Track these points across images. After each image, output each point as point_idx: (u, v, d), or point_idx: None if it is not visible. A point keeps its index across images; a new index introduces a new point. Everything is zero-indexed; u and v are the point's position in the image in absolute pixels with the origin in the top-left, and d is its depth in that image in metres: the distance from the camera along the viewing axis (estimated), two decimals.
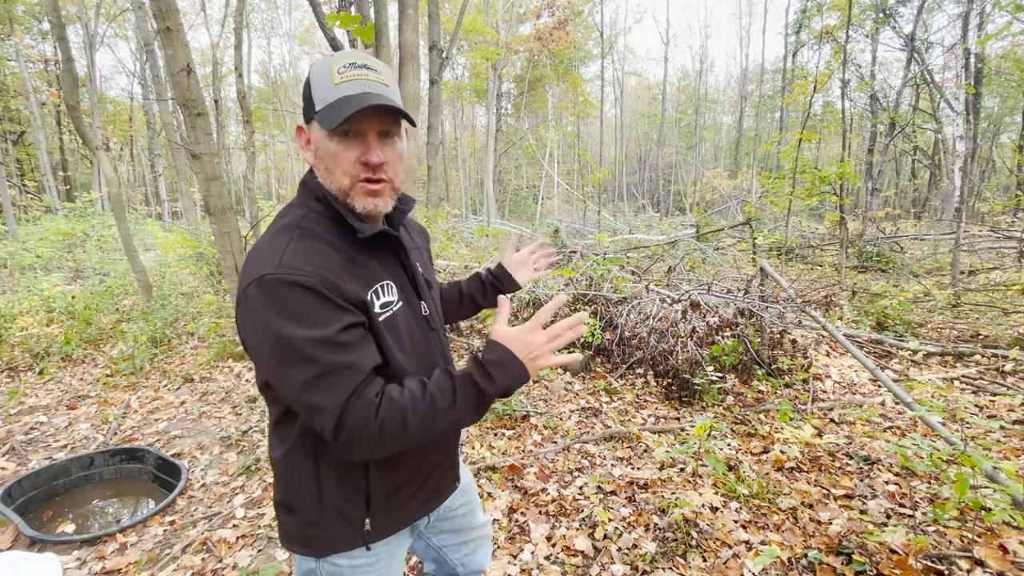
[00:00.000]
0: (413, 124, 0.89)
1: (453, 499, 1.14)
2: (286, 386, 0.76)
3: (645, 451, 2.85)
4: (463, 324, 4.86)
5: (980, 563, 1.78)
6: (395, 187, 0.88)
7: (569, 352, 4.20)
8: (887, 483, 2.42)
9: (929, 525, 2.04)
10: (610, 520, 2.22)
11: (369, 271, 0.86)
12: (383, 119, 0.81)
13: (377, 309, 0.84)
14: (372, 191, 0.84)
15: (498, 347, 0.82)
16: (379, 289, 0.86)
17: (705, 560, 1.96)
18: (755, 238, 7.99)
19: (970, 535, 1.95)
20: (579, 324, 0.84)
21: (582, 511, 2.30)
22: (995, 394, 3.36)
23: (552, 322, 0.87)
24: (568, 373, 4.01)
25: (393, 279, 0.90)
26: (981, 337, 4.47)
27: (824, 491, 2.37)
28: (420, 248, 1.10)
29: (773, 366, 3.75)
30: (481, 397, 0.80)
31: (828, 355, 4.24)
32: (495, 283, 1.32)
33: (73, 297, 5.68)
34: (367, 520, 0.91)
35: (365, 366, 0.77)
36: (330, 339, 0.74)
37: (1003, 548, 1.83)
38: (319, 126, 0.80)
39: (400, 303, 0.90)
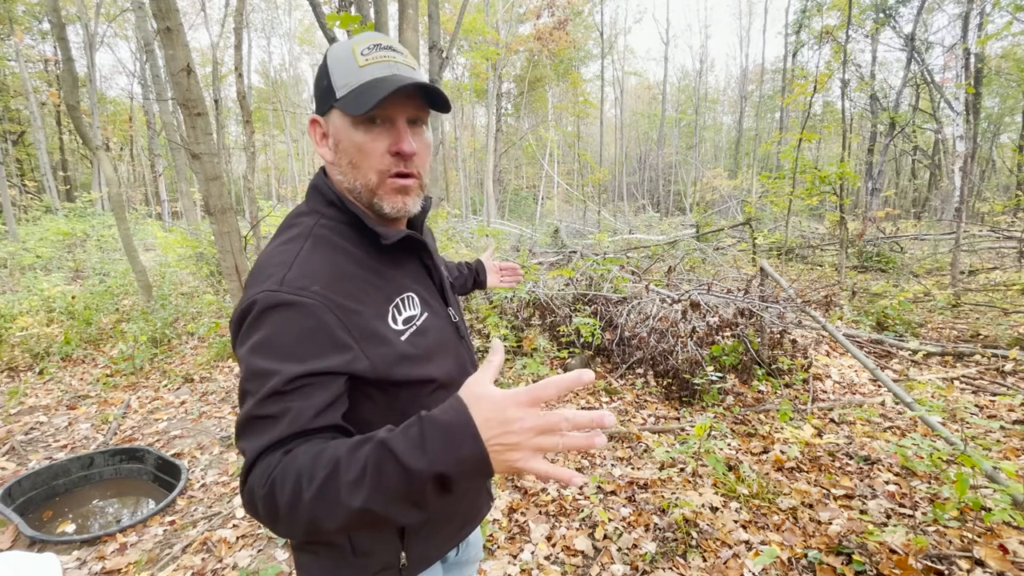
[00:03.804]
0: (448, 109, 0.77)
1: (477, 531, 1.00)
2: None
3: (645, 451, 2.85)
4: None
5: (980, 563, 1.78)
6: (423, 184, 0.78)
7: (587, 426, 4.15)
8: (887, 483, 2.42)
9: (929, 525, 2.04)
10: (610, 520, 2.22)
11: (392, 283, 0.77)
12: (414, 103, 0.73)
13: (399, 326, 0.74)
14: (402, 187, 0.75)
15: (457, 406, 0.53)
16: (400, 303, 0.76)
17: (705, 560, 1.96)
18: (755, 238, 7.99)
19: (970, 535, 1.95)
20: (597, 435, 0.52)
21: (582, 511, 2.30)
22: (995, 394, 3.36)
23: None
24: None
25: (417, 288, 0.82)
26: (981, 337, 4.47)
27: (824, 491, 2.37)
28: (435, 250, 1.02)
29: (773, 366, 3.75)
30: (404, 476, 0.51)
31: (828, 355, 4.24)
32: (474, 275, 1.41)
33: (73, 297, 5.68)
34: (403, 553, 0.80)
35: (300, 420, 0.61)
36: (295, 376, 0.62)
37: (1003, 548, 1.83)
38: (341, 114, 0.72)
39: (425, 314, 0.80)
